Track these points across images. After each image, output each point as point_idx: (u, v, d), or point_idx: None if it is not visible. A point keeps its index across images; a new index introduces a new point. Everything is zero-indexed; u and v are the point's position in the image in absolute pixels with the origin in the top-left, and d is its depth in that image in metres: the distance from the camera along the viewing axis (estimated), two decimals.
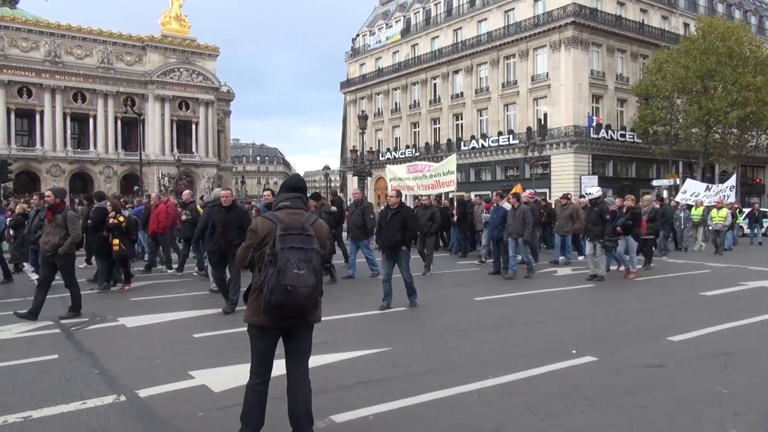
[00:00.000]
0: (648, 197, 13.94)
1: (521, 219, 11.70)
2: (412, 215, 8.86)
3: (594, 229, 11.54)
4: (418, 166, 17.26)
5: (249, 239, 3.53)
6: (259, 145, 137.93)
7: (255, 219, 3.67)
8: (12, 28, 55.81)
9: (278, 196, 3.70)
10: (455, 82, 47.51)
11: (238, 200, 11.58)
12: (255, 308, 3.48)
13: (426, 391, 4.75)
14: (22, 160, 54.83)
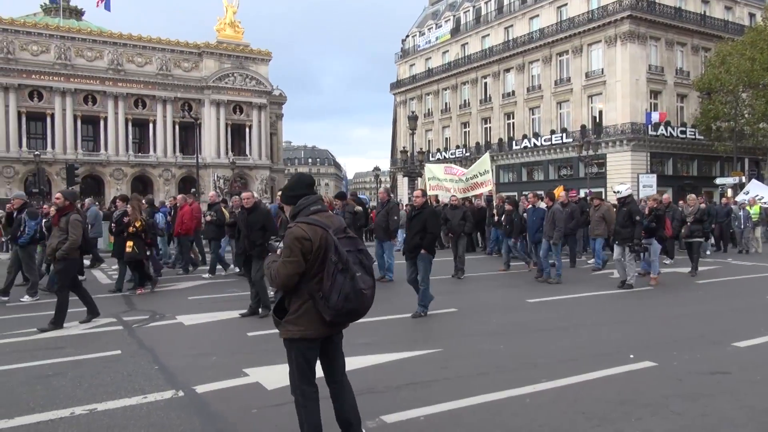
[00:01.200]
0: (692, 197, 13.10)
1: (551, 220, 11.29)
2: (434, 216, 8.31)
3: (623, 232, 10.56)
4: (453, 169, 17.03)
5: (297, 251, 3.12)
6: (310, 147, 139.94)
7: (297, 227, 3.19)
8: (78, 39, 58.64)
9: (303, 197, 3.35)
10: (506, 81, 46.85)
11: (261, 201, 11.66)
12: (308, 321, 3.22)
13: (476, 393, 4.70)
14: (88, 164, 57.50)
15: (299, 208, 3.33)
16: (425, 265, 8.03)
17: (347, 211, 10.81)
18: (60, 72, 56.89)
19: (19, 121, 55.68)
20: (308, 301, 3.19)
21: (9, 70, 54.46)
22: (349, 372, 5.37)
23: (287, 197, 3.44)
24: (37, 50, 56.36)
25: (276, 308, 3.33)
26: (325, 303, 3.14)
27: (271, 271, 3.23)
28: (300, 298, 3.21)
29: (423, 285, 8.02)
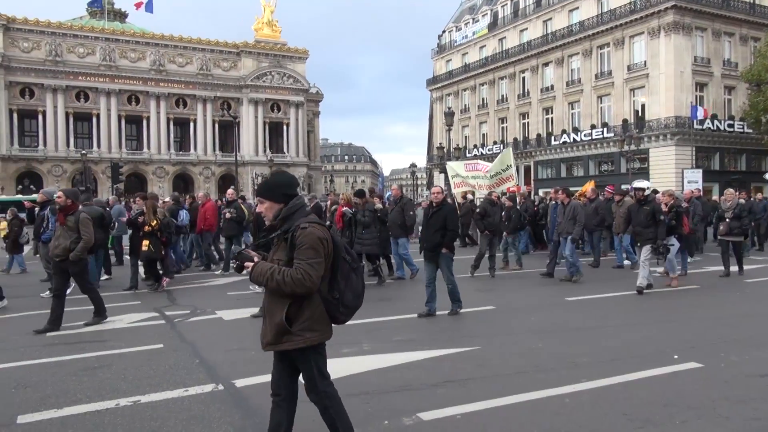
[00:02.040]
0: (730, 191, 12.31)
1: (571, 216, 10.88)
2: (454, 214, 7.99)
3: (645, 232, 9.57)
4: (478, 165, 16.77)
5: (321, 252, 2.99)
6: (347, 144, 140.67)
7: (314, 227, 3.02)
8: (122, 41, 60.33)
9: (295, 197, 3.17)
10: (545, 75, 46.08)
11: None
12: (324, 324, 3.14)
13: (515, 392, 4.64)
14: (131, 162, 59.15)
15: (295, 208, 3.12)
16: (447, 264, 7.82)
17: (367, 209, 10.59)
18: (105, 73, 58.65)
19: (66, 121, 57.66)
20: (321, 304, 3.08)
21: (57, 72, 56.43)
22: (385, 369, 5.41)
23: (284, 195, 3.13)
24: (83, 52, 58.21)
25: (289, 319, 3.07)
26: (340, 303, 3.11)
27: (287, 277, 2.92)
28: (313, 301, 3.05)
29: (449, 284, 7.85)
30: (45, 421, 4.23)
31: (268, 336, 3.13)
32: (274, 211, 3.13)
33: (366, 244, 10.44)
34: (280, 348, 3.10)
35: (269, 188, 3.18)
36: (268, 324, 3.12)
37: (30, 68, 55.45)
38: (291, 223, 3.07)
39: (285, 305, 3.01)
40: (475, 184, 15.62)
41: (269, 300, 3.11)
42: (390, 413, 4.25)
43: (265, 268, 2.98)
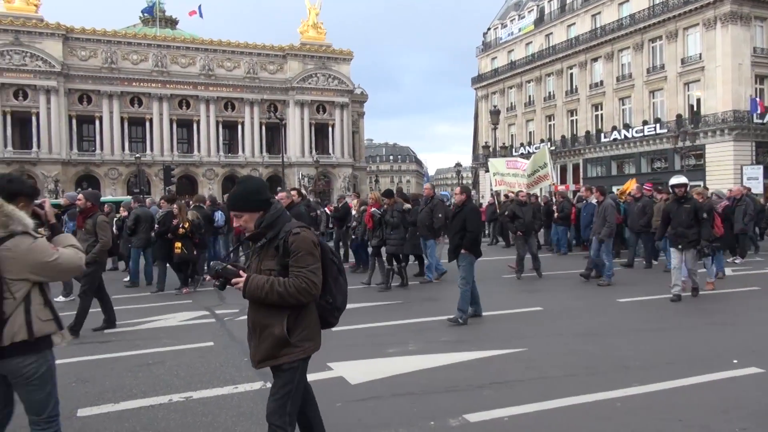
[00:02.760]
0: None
1: (602, 216, 10.41)
2: (474, 214, 7.69)
3: (688, 233, 8.65)
4: (517, 163, 16.45)
5: (317, 257, 2.87)
6: (391, 145, 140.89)
7: (306, 232, 2.87)
8: (173, 47, 62.22)
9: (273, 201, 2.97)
10: (594, 71, 44.95)
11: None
12: (317, 332, 3.00)
13: (564, 395, 4.55)
14: (182, 165, 60.90)
15: (279, 212, 2.92)
16: (466, 265, 7.52)
17: (395, 210, 10.43)
18: (157, 79, 60.59)
19: (121, 126, 59.85)
20: (315, 311, 2.96)
21: (113, 79, 58.65)
22: (431, 369, 5.39)
23: (261, 201, 2.90)
24: (136, 59, 60.31)
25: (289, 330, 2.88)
26: (332, 307, 3.03)
27: (290, 288, 2.74)
28: (309, 309, 2.92)
29: (461, 286, 7.41)
30: (103, 414, 4.40)
31: (261, 352, 2.89)
32: (254, 221, 2.89)
33: (393, 244, 10.32)
34: (277, 362, 2.87)
35: (242, 199, 2.91)
36: (261, 339, 2.88)
37: (87, 76, 57.81)
38: (277, 228, 2.87)
39: (284, 317, 2.82)
40: (514, 182, 15.36)
41: (262, 314, 2.87)
42: (436, 414, 4.23)
43: (262, 281, 2.77)
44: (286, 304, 2.80)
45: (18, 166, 53.36)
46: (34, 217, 2.94)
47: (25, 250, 2.72)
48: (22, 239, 2.73)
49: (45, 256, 2.78)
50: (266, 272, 2.83)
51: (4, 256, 2.68)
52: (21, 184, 3.06)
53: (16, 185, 3.00)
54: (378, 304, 8.87)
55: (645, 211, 12.68)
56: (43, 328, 2.81)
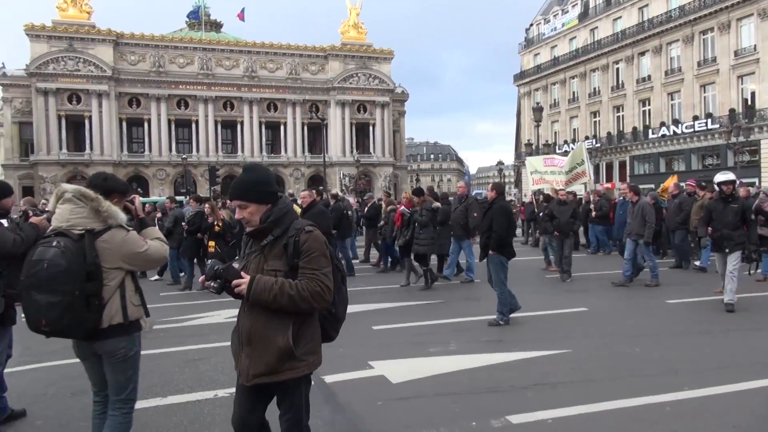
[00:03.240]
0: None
1: (640, 216, 9.91)
2: (501, 214, 7.45)
3: (735, 236, 7.83)
4: (555, 160, 16.06)
5: (330, 260, 2.64)
6: (432, 143, 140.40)
7: (316, 232, 2.64)
8: (218, 50, 63.56)
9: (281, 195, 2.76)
10: (641, 65, 43.70)
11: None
12: (319, 344, 2.75)
13: (609, 398, 4.44)
14: (227, 165, 62.09)
15: (287, 207, 2.68)
16: (494, 267, 7.39)
17: (425, 209, 10.19)
18: (203, 81, 62.01)
19: (169, 128, 61.51)
20: (317, 321, 2.71)
21: (160, 82, 60.34)
22: (473, 369, 5.34)
23: (270, 193, 2.66)
24: (183, 62, 61.86)
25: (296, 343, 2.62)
26: (334, 318, 2.79)
27: (303, 291, 2.50)
28: (313, 319, 2.68)
29: (496, 289, 7.34)
30: (151, 408, 4.53)
31: (259, 366, 2.58)
32: (260, 214, 2.62)
33: (422, 244, 10.10)
34: (279, 378, 2.58)
35: (251, 188, 2.64)
36: (260, 351, 2.58)
37: (136, 79, 59.65)
38: (285, 225, 2.62)
39: (289, 325, 2.56)
40: (552, 180, 15.06)
41: (263, 322, 2.58)
42: (478, 414, 4.19)
43: (270, 282, 2.50)
44: (297, 310, 2.53)
45: (72, 167, 55.57)
46: (125, 212, 3.19)
47: (119, 242, 3.01)
48: (117, 232, 3.02)
49: (137, 247, 3.08)
50: (271, 273, 2.57)
51: (101, 248, 2.95)
52: (115, 182, 3.33)
53: (111, 183, 3.27)
54: (419, 303, 8.85)
55: (681, 208, 12.22)
56: (134, 312, 3.09)
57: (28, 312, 2.93)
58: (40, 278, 2.82)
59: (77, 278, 2.83)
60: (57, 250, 2.84)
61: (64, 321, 2.83)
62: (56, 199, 3.07)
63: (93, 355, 3.09)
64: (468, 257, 11.24)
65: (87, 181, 3.24)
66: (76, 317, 2.84)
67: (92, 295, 2.89)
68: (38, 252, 2.90)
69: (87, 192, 3.01)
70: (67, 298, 2.81)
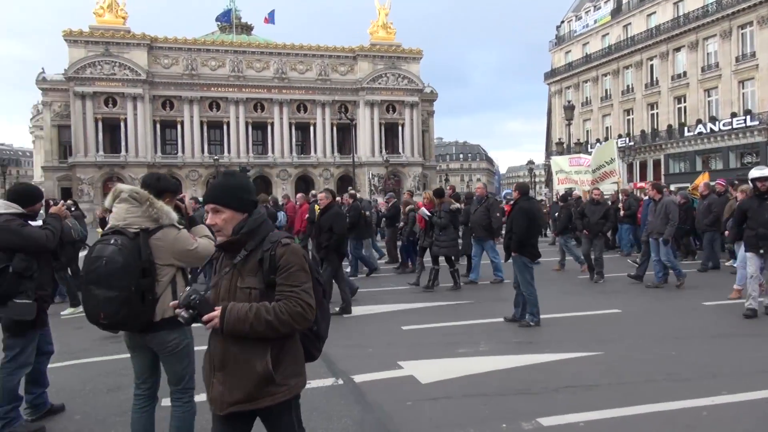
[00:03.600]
0: None
1: (663, 214, 9.62)
2: (520, 215, 7.36)
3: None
4: (580, 159, 15.74)
5: (310, 274, 2.38)
6: (461, 143, 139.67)
7: (293, 245, 2.39)
8: (248, 52, 64.36)
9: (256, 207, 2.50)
10: (676, 61, 42.69)
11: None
12: (303, 365, 2.53)
13: (644, 402, 4.35)
14: (257, 166, 62.88)
15: (262, 218, 2.45)
16: (518, 268, 7.32)
17: (443, 210, 10.03)
18: (234, 83, 62.87)
19: (201, 129, 62.56)
20: (298, 341, 2.47)
21: (193, 85, 61.41)
22: (503, 371, 5.30)
23: (249, 201, 2.44)
24: (215, 65, 62.83)
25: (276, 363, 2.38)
26: (315, 336, 2.55)
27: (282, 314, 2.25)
28: (294, 339, 2.44)
29: (524, 291, 7.23)
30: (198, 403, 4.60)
31: (234, 393, 2.33)
32: (235, 223, 2.38)
33: (443, 246, 9.96)
34: (258, 405, 2.34)
35: (230, 192, 2.41)
36: (238, 376, 2.33)
37: (170, 82, 60.80)
38: (259, 238, 2.38)
39: (267, 349, 2.32)
40: (578, 179, 14.83)
41: (239, 346, 2.32)
42: (508, 416, 4.15)
43: (244, 311, 2.25)
44: (277, 335, 2.30)
45: (108, 169, 56.98)
46: (176, 211, 3.31)
47: (172, 239, 3.15)
48: (170, 230, 3.16)
49: (188, 244, 3.21)
50: (245, 292, 2.32)
51: (155, 245, 3.09)
52: (167, 182, 3.50)
53: (163, 183, 3.44)
54: (449, 304, 8.81)
55: (711, 209, 11.83)
56: None
57: (87, 306, 3.09)
58: (99, 274, 2.97)
59: (133, 274, 2.98)
60: (114, 248, 2.99)
61: (120, 314, 2.98)
62: (113, 199, 3.21)
63: (143, 347, 3.23)
64: (492, 257, 11.12)
65: (140, 182, 3.41)
66: (132, 311, 3.00)
67: (147, 290, 3.04)
68: (97, 249, 3.05)
69: (141, 192, 3.16)
70: (123, 293, 2.96)
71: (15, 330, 4.06)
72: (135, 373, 3.34)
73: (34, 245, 4.07)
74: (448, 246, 9.98)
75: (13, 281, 3.96)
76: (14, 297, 3.97)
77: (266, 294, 2.31)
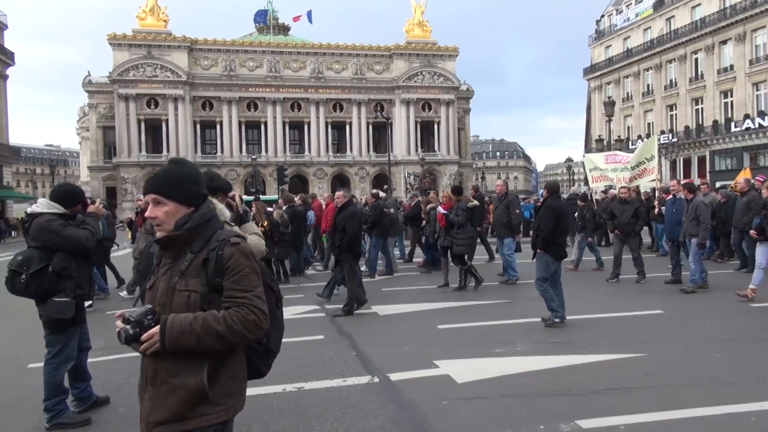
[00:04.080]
0: None
1: (693, 216, 9.22)
2: (547, 214, 7.34)
3: None
4: (617, 157, 15.27)
5: (260, 279, 2.15)
6: (498, 141, 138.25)
7: (244, 244, 2.15)
8: (285, 53, 65.15)
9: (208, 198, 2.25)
10: (722, 54, 41.26)
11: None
12: (242, 385, 2.20)
13: (688, 405, 4.22)
14: (294, 165, 63.61)
15: (211, 213, 2.20)
16: (540, 265, 7.29)
17: (460, 208, 9.87)
18: (271, 84, 63.71)
19: (239, 129, 63.64)
20: (242, 355, 2.19)
21: (231, 86, 62.50)
22: (541, 371, 5.22)
23: (197, 194, 2.18)
24: (252, 66, 63.79)
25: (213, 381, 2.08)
26: (265, 349, 2.27)
27: (234, 323, 1.98)
28: (236, 353, 2.14)
29: (536, 287, 7.26)
30: None
31: (162, 410, 2.04)
32: (178, 217, 2.11)
33: (458, 244, 9.84)
34: (185, 427, 2.05)
35: (175, 182, 2.14)
36: (167, 392, 2.05)
37: (209, 83, 62.04)
38: (206, 235, 2.13)
39: (205, 362, 2.03)
40: (615, 177, 14.47)
41: (172, 357, 2.02)
42: (546, 418, 4.09)
43: (187, 322, 1.97)
44: (228, 347, 2.04)
45: (150, 168, 58.39)
46: (228, 209, 3.37)
47: None
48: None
49: None
50: (183, 294, 2.06)
51: None
52: (220, 181, 3.62)
53: (216, 182, 3.56)
54: (484, 303, 8.74)
55: (750, 207, 11.29)
56: None
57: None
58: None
59: None
60: None
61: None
62: None
63: None
64: (507, 255, 10.90)
65: None
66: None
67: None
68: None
69: None
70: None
71: (55, 327, 4.21)
72: None
73: (75, 245, 4.20)
74: (464, 244, 9.87)
75: (52, 280, 4.09)
76: (54, 295, 4.12)
77: (207, 299, 2.04)
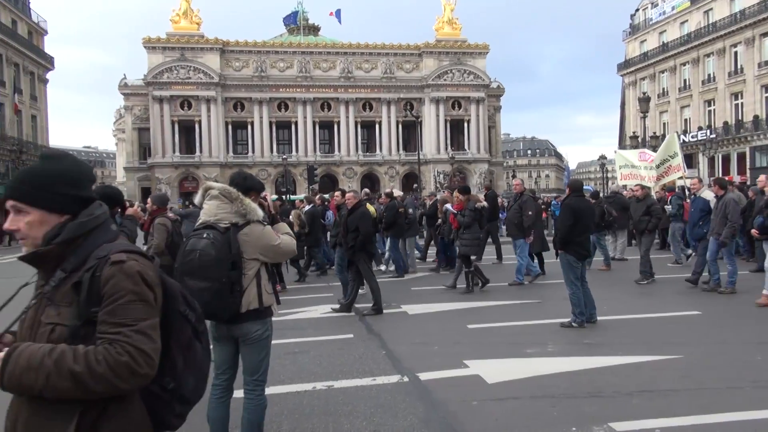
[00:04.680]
0: None
1: (721, 213, 8.83)
2: (564, 212, 7.22)
3: None
4: (645, 155, 14.87)
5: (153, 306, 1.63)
6: (529, 138, 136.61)
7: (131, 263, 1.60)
8: (315, 53, 65.56)
9: (91, 203, 1.69)
10: (763, 47, 39.94)
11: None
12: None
13: (725, 409, 4.11)
14: (324, 164, 63.98)
15: (93, 223, 1.66)
16: (563, 266, 7.18)
17: (467, 208, 9.66)
18: (301, 84, 64.22)
19: (270, 130, 64.33)
20: (139, 404, 1.64)
21: (262, 87, 63.19)
22: (573, 372, 5.15)
23: (70, 198, 1.64)
24: (283, 66, 64.38)
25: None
26: (174, 397, 1.70)
27: (97, 364, 1.47)
28: (126, 402, 1.60)
29: (568, 289, 7.09)
30: None
31: None
32: (47, 228, 1.61)
33: (465, 245, 9.65)
34: None
35: (38, 185, 1.62)
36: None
37: (241, 84, 62.84)
38: (85, 252, 1.62)
39: (74, 414, 1.52)
40: (645, 175, 14.13)
41: (35, 404, 1.54)
42: (578, 420, 4.03)
43: (39, 356, 1.47)
44: (89, 396, 1.51)
45: (184, 169, 59.61)
46: (260, 208, 3.46)
47: (258, 235, 3.30)
48: (256, 226, 3.31)
49: (272, 240, 3.36)
50: (47, 327, 1.57)
51: (242, 240, 3.23)
52: (253, 181, 3.68)
53: (249, 182, 3.61)
54: (514, 303, 8.65)
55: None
56: (268, 299, 3.37)
57: None
58: (193, 266, 3.15)
59: (224, 267, 3.14)
60: (207, 242, 3.16)
61: (212, 305, 3.11)
62: (203, 195, 3.39)
63: (228, 337, 3.39)
64: (518, 258, 10.67)
65: (229, 180, 3.59)
66: (222, 301, 3.16)
67: (235, 282, 3.18)
68: (191, 243, 3.23)
69: (231, 190, 3.33)
70: (215, 284, 3.12)
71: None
72: (215, 364, 3.46)
73: None
74: (469, 245, 9.64)
75: None
76: None
77: (79, 335, 1.54)
